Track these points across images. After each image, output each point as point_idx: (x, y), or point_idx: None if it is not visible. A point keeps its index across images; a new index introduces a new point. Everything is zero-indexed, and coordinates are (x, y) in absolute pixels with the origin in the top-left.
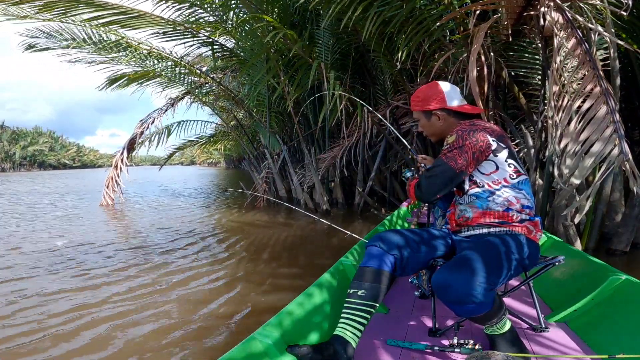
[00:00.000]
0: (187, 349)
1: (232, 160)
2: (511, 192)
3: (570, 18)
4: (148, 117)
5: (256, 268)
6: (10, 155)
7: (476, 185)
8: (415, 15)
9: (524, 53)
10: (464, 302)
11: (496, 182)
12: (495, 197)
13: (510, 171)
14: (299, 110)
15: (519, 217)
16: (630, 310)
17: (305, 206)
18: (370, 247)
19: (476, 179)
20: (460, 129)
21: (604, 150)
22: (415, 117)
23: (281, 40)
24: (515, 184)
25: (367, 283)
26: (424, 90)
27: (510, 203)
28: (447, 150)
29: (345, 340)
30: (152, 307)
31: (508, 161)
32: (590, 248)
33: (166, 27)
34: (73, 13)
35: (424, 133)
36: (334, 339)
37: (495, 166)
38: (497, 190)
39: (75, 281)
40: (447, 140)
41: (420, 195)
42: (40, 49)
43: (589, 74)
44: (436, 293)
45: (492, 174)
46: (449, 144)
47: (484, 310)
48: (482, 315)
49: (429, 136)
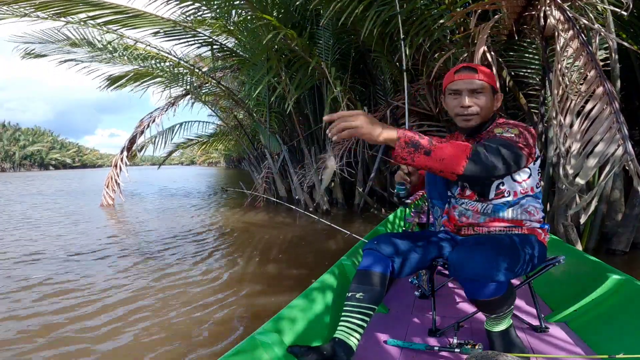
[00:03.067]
0: (186, 349)
1: (232, 160)
2: (533, 202)
3: (571, 18)
4: (148, 116)
5: (256, 268)
6: (10, 155)
7: (502, 195)
8: (415, 15)
9: (524, 53)
10: (484, 278)
11: (523, 191)
12: (517, 207)
13: (538, 179)
14: (299, 110)
15: (532, 225)
16: (630, 310)
17: (305, 206)
18: (368, 250)
19: (506, 186)
20: (518, 124)
21: (608, 151)
22: (477, 87)
23: (281, 40)
24: (537, 193)
25: (365, 286)
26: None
27: (530, 213)
28: (509, 137)
29: (345, 343)
30: (151, 307)
31: (539, 169)
32: (590, 248)
33: (166, 26)
34: (71, 12)
35: (470, 109)
36: (334, 342)
37: (529, 174)
38: (520, 200)
39: (74, 281)
40: (506, 131)
41: (475, 168)
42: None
43: (591, 74)
44: (453, 269)
45: (523, 182)
46: (511, 134)
47: (500, 293)
48: (497, 299)
49: (472, 118)
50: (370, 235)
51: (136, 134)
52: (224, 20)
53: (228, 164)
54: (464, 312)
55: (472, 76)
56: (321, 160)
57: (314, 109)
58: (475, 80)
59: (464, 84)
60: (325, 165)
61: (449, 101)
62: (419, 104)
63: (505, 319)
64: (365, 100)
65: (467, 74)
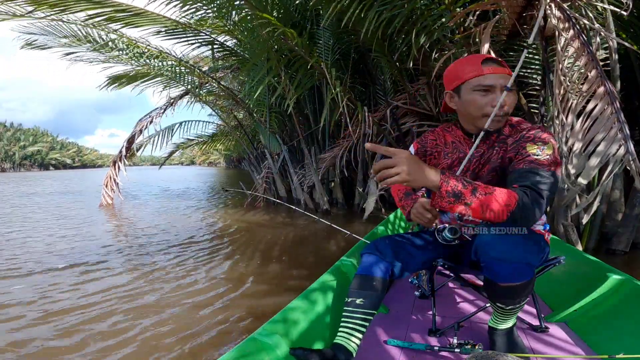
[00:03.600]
0: (186, 349)
1: (232, 160)
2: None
3: (572, 17)
4: (147, 116)
5: (256, 268)
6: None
7: None
8: (416, 15)
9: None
10: (517, 258)
11: None
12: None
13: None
14: (299, 110)
15: (536, 226)
16: (630, 310)
17: (305, 206)
18: (366, 254)
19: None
20: (551, 135)
21: (609, 150)
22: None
23: (281, 39)
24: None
25: (364, 291)
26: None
27: (541, 219)
28: (548, 162)
29: (346, 349)
30: (151, 307)
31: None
32: (590, 248)
33: (167, 26)
34: (72, 10)
35: (505, 109)
36: (335, 347)
37: None
38: None
39: (72, 280)
40: (541, 150)
41: (516, 219)
42: (39, 46)
43: (592, 74)
44: (481, 250)
45: None
46: (547, 155)
47: (527, 277)
48: (522, 284)
49: (504, 119)
50: (370, 236)
51: (135, 133)
52: (224, 20)
53: (228, 164)
54: (464, 312)
55: (505, 70)
56: (321, 160)
57: (314, 109)
58: (509, 76)
59: (498, 79)
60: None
61: (476, 98)
62: (418, 104)
63: (514, 315)
64: (365, 100)
65: (499, 68)
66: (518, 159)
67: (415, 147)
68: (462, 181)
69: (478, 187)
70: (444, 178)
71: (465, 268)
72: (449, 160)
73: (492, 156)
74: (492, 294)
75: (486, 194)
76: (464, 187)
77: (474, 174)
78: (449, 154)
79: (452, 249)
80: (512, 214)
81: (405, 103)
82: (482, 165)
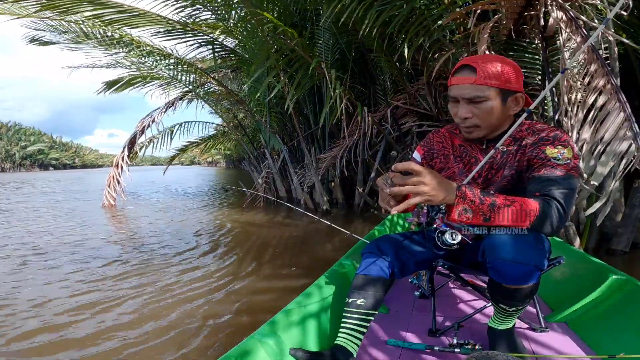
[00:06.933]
0: (185, 349)
1: (232, 160)
2: None
3: (573, 17)
4: (149, 116)
5: (256, 268)
6: (10, 155)
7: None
8: (415, 15)
9: (524, 53)
10: (527, 260)
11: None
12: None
13: None
14: (299, 110)
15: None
16: (630, 310)
17: (305, 206)
18: (367, 254)
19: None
20: (569, 139)
21: (620, 148)
22: (473, 96)
23: (281, 39)
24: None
25: (365, 292)
26: (505, 62)
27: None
28: (568, 167)
29: (347, 350)
30: (151, 306)
31: None
32: (590, 248)
33: (167, 26)
34: (75, 11)
35: (467, 121)
36: (336, 349)
37: None
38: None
39: (73, 280)
40: (561, 154)
41: (560, 225)
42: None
43: (597, 73)
44: (490, 251)
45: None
46: (567, 159)
47: (534, 280)
48: (529, 286)
49: (472, 130)
50: (370, 236)
51: (136, 133)
52: (222, 19)
53: (228, 163)
54: (464, 312)
55: (470, 79)
56: (321, 160)
57: (314, 109)
58: (472, 86)
59: (460, 90)
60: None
61: (451, 107)
62: (418, 104)
63: (515, 316)
64: (365, 100)
65: (465, 77)
66: (537, 163)
67: (420, 153)
68: (479, 194)
69: (497, 200)
70: (461, 192)
71: (465, 268)
72: (460, 165)
73: (508, 160)
74: (496, 295)
75: (505, 206)
76: (482, 202)
77: (486, 180)
78: (459, 158)
79: (452, 249)
80: (533, 226)
81: (405, 103)
82: (495, 170)
